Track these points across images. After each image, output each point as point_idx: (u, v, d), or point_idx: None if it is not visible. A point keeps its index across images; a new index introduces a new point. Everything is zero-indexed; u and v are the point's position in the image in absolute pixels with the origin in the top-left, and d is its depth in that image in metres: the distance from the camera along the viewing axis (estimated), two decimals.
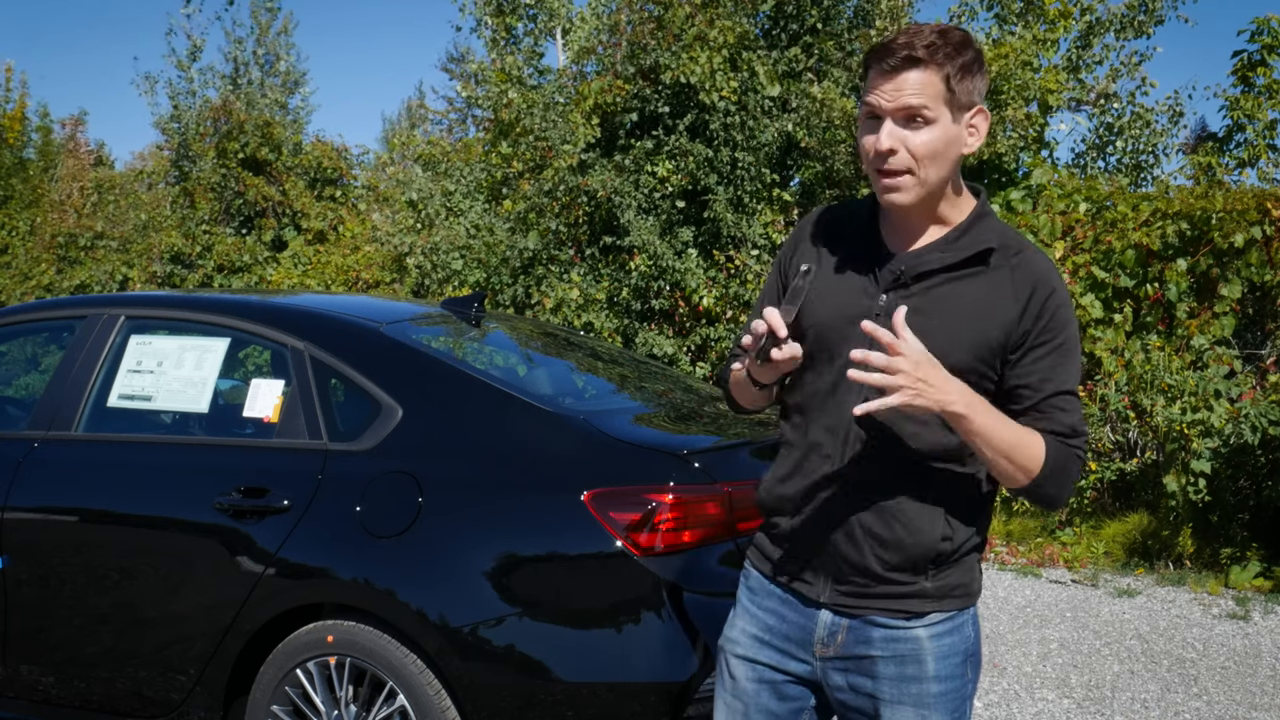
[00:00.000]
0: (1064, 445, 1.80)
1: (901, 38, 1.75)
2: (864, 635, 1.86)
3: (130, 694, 3.15)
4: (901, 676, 1.85)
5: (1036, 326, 1.78)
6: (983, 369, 1.79)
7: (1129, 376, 6.93)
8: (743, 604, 2.00)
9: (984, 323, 1.78)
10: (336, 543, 2.86)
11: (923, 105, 1.74)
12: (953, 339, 1.77)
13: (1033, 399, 1.80)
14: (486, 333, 3.78)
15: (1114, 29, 9.41)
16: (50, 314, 4.00)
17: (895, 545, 1.82)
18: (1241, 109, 8.62)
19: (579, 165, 8.62)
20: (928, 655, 1.85)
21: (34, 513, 3.28)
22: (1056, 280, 1.81)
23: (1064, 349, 1.80)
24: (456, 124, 20.44)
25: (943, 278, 1.81)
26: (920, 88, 1.73)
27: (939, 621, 1.85)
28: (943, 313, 1.79)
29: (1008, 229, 1.87)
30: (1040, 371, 1.79)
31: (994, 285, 1.80)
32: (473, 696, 2.71)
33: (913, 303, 1.78)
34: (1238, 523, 6.36)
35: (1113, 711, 4.23)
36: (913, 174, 1.77)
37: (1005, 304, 1.79)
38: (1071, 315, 1.82)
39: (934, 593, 1.84)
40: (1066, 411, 1.79)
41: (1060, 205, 7.97)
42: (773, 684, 1.95)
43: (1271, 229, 7.07)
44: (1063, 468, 1.79)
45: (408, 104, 30.80)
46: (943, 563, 1.84)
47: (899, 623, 1.84)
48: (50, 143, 15.71)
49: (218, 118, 11.97)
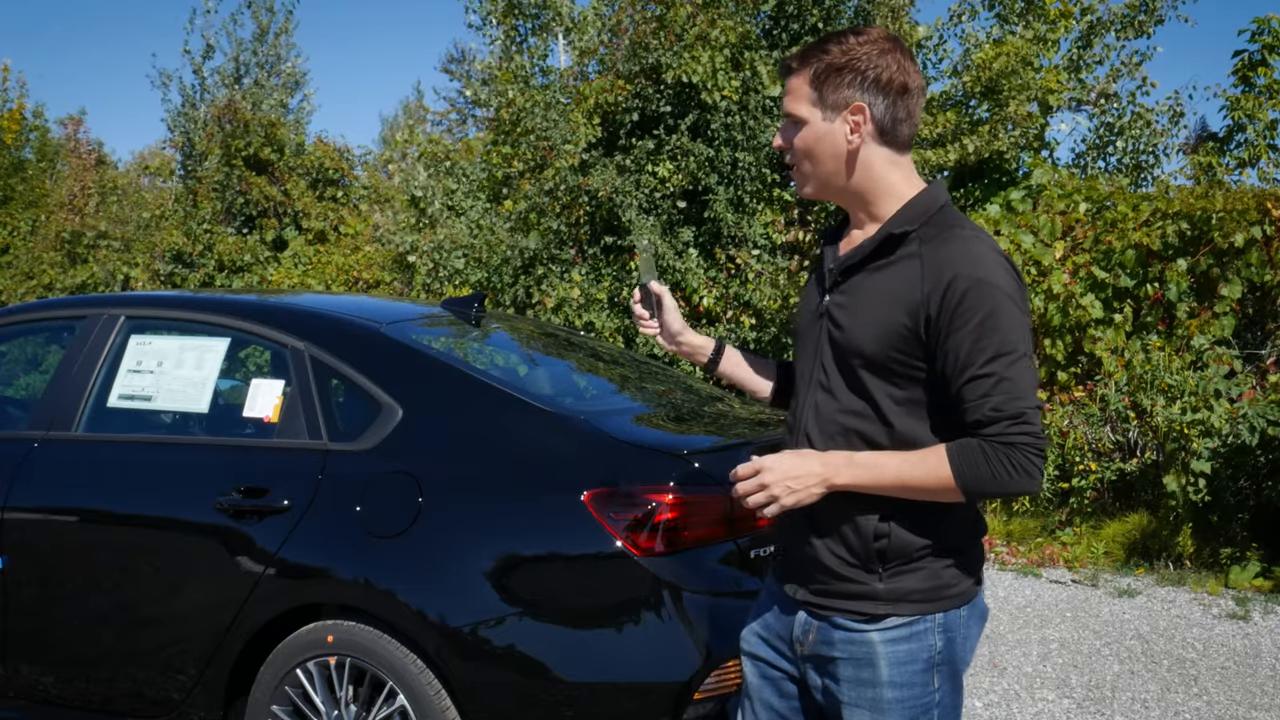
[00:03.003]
0: (984, 443, 1.73)
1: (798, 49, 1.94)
2: (828, 636, 1.90)
3: (130, 694, 3.15)
4: (857, 679, 1.88)
5: (944, 312, 1.74)
6: (899, 357, 1.80)
7: (1129, 376, 6.93)
8: (759, 602, 2.10)
9: (890, 311, 1.80)
10: (336, 543, 2.87)
11: (794, 109, 1.91)
12: (863, 331, 1.83)
13: (952, 388, 1.76)
14: (487, 333, 3.79)
15: (1114, 29, 9.40)
16: (50, 314, 4.00)
17: (839, 536, 1.87)
18: (1242, 109, 8.61)
19: (580, 165, 8.63)
20: (881, 660, 1.86)
21: (34, 513, 3.28)
22: (972, 265, 1.75)
23: (976, 331, 1.72)
24: (456, 124, 20.46)
25: (861, 271, 1.88)
26: (793, 93, 1.91)
27: (895, 627, 1.84)
28: (857, 305, 1.86)
29: (930, 218, 1.84)
30: (955, 359, 1.74)
31: (901, 273, 1.81)
32: (473, 696, 2.71)
33: (839, 299, 1.90)
34: (1238, 523, 6.36)
35: (1113, 711, 4.23)
36: (798, 170, 1.94)
37: (911, 291, 1.78)
38: (991, 295, 1.73)
39: (886, 595, 1.84)
40: (986, 396, 1.72)
41: (1060, 205, 7.97)
42: (772, 680, 2.02)
43: (1271, 229, 7.07)
44: (977, 467, 1.73)
45: (406, 105, 30.82)
46: (889, 562, 1.83)
47: (856, 625, 1.87)
48: (48, 143, 15.70)
49: (223, 117, 11.99)
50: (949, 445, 1.77)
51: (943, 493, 1.77)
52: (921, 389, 1.81)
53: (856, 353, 1.83)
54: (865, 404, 1.85)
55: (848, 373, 1.86)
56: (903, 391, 1.82)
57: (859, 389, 1.85)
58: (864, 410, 1.84)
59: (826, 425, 1.88)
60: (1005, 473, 1.73)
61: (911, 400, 1.82)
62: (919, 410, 1.82)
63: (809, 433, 1.91)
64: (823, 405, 1.89)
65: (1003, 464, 1.73)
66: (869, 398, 1.84)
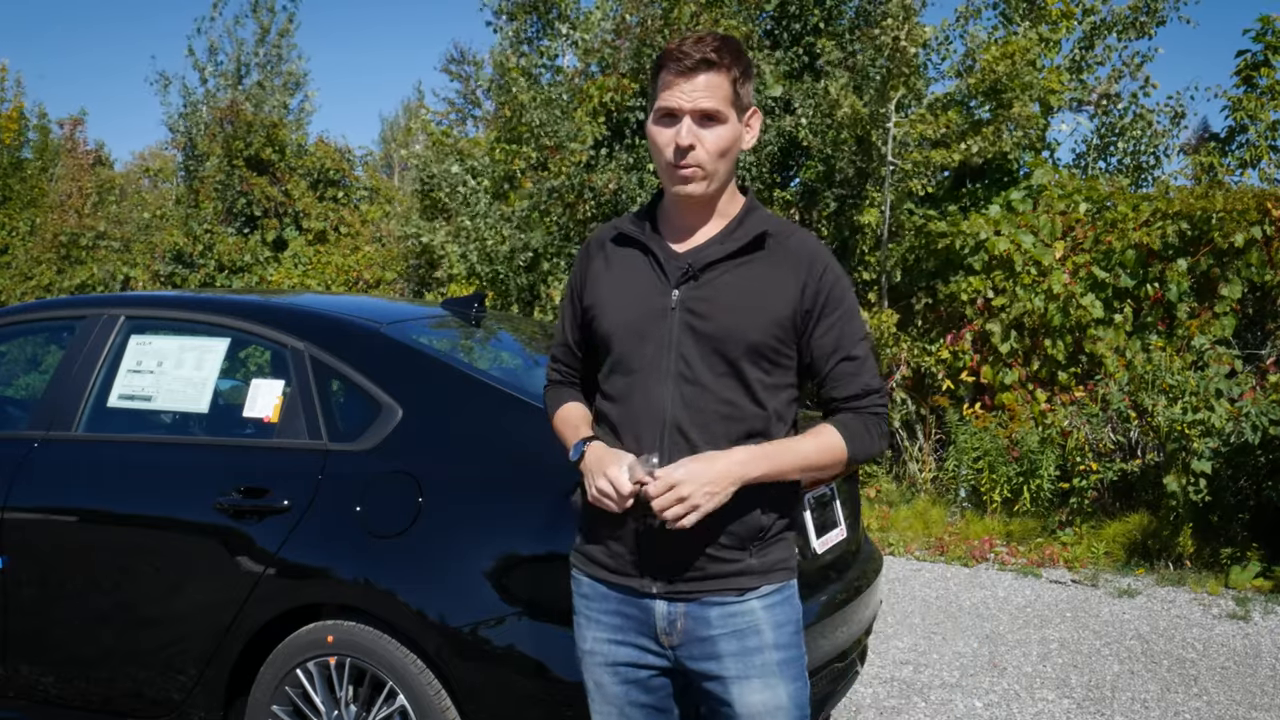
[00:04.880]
0: (858, 415, 1.95)
1: (692, 43, 1.89)
2: (701, 616, 1.93)
3: (130, 694, 3.15)
4: (743, 650, 1.93)
5: (818, 301, 1.94)
6: (777, 345, 1.93)
7: (1130, 376, 6.93)
8: (583, 614, 2.07)
9: (771, 300, 1.92)
10: (336, 543, 2.86)
11: (715, 106, 1.90)
12: (748, 319, 1.91)
13: (826, 368, 1.96)
14: (487, 333, 3.79)
15: (1116, 30, 9.39)
16: (50, 314, 4.00)
17: (718, 525, 1.89)
18: (1244, 109, 8.60)
19: (585, 163, 8.65)
20: (765, 625, 1.94)
21: (34, 513, 3.28)
22: (829, 257, 1.98)
23: (844, 317, 1.95)
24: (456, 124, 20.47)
25: (725, 266, 1.94)
26: (713, 90, 1.89)
27: (769, 593, 1.96)
28: (730, 298, 1.92)
29: (777, 218, 2.03)
30: (829, 342, 1.95)
31: (773, 266, 1.95)
32: (473, 696, 2.71)
33: (701, 292, 1.93)
34: (1238, 523, 6.36)
35: (1113, 711, 4.23)
36: (703, 168, 1.91)
37: (786, 282, 1.93)
38: (848, 286, 1.98)
39: (759, 568, 1.95)
40: (857, 375, 1.95)
41: (1060, 205, 7.96)
42: (637, 681, 2.02)
43: (1271, 229, 7.07)
44: (862, 439, 1.95)
45: (406, 105, 30.85)
46: (764, 538, 1.95)
47: (732, 599, 1.93)
48: (49, 143, 15.71)
49: (225, 118, 12.00)
50: (832, 423, 1.95)
51: (833, 466, 1.95)
52: (787, 371, 1.96)
53: (737, 341, 1.90)
54: (740, 389, 1.92)
55: (717, 362, 1.91)
56: (770, 376, 1.94)
57: (733, 375, 1.92)
58: (737, 397, 1.91)
59: (699, 415, 1.91)
60: (877, 440, 1.98)
61: (779, 383, 1.96)
62: (785, 390, 1.97)
63: (679, 425, 1.91)
64: (691, 397, 1.91)
65: (877, 432, 1.97)
66: (744, 383, 1.92)
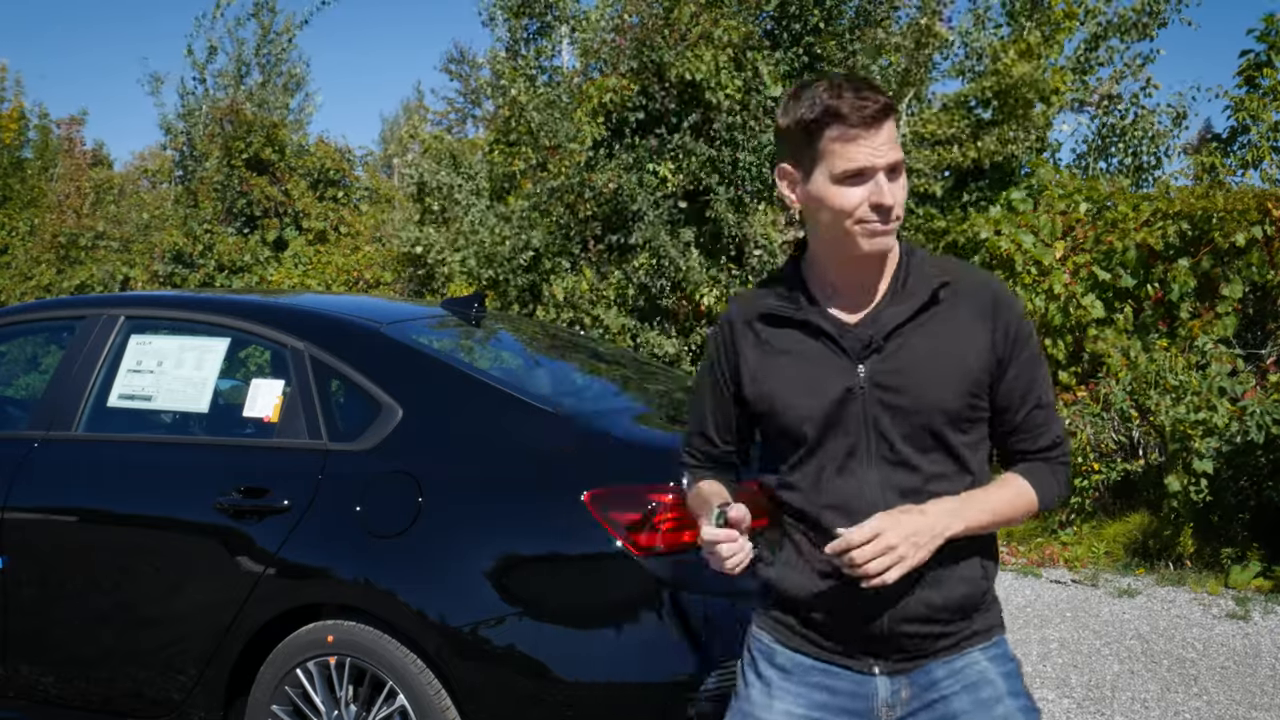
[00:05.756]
0: (1048, 464, 1.85)
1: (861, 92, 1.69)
2: (928, 681, 1.82)
3: (130, 694, 3.15)
4: (978, 702, 1.81)
5: (1007, 345, 1.80)
6: (974, 402, 1.80)
7: (1133, 376, 6.93)
8: (776, 685, 1.87)
9: (961, 358, 1.77)
10: (336, 543, 2.86)
11: (900, 156, 1.73)
12: (946, 384, 1.76)
13: (1017, 418, 1.83)
14: (487, 333, 3.78)
15: (1119, 32, 9.39)
16: (50, 314, 4.01)
17: (946, 607, 1.80)
18: (1247, 110, 8.59)
19: (585, 163, 8.65)
20: (995, 676, 1.84)
21: (34, 513, 3.28)
22: (1010, 295, 1.83)
23: (1033, 361, 1.82)
24: (456, 124, 20.47)
25: (908, 329, 1.78)
26: (893, 138, 1.72)
27: (989, 646, 1.86)
28: (922, 364, 1.77)
29: (934, 258, 1.86)
30: (1019, 389, 1.82)
31: (956, 317, 1.79)
32: (473, 696, 2.71)
33: (889, 364, 1.77)
34: (1238, 523, 6.35)
35: (1113, 711, 4.23)
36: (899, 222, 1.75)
37: (975, 332, 1.78)
38: (1031, 325, 1.84)
39: (982, 629, 1.86)
40: (1047, 425, 1.84)
41: (1061, 205, 7.96)
42: None
43: (1272, 229, 7.06)
44: (1050, 488, 1.85)
45: (406, 105, 30.85)
46: (985, 604, 1.86)
47: (956, 657, 1.83)
48: (49, 143, 15.70)
49: (225, 118, 11.99)
50: (1021, 472, 1.85)
51: (1025, 516, 1.85)
52: (982, 425, 1.83)
53: (938, 410, 1.76)
54: (948, 460, 1.79)
55: (921, 436, 1.77)
56: (969, 435, 1.82)
57: (940, 448, 1.79)
58: (947, 469, 1.79)
59: (914, 497, 1.76)
60: (1064, 488, 1.88)
61: (977, 439, 1.83)
62: (983, 445, 1.85)
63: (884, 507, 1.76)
64: (899, 479, 1.77)
65: (1064, 481, 1.87)
66: (952, 453, 1.79)
